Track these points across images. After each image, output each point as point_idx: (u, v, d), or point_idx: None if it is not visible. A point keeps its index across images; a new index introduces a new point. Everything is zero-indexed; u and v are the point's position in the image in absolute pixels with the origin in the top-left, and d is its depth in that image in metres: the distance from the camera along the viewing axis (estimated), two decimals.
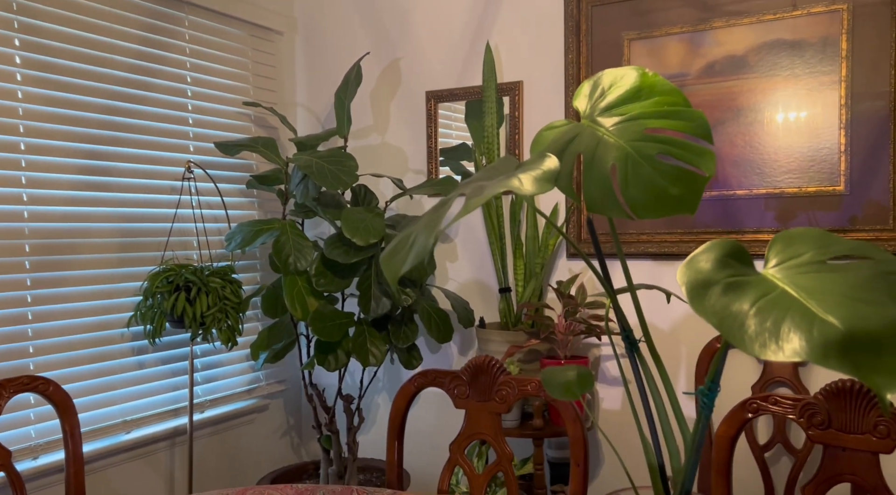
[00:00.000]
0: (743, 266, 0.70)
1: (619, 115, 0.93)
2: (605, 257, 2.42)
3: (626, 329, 0.92)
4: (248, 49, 2.79)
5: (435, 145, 2.73)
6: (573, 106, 0.97)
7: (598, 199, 0.88)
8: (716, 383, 0.82)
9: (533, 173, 0.80)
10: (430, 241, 0.75)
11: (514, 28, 2.57)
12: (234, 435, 2.71)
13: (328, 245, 2.29)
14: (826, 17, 2.14)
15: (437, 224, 0.77)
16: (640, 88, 0.94)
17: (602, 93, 0.96)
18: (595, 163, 0.89)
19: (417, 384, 1.70)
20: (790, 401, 1.38)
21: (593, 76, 0.98)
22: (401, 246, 0.82)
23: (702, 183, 0.87)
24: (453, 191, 0.86)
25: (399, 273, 0.78)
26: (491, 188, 0.76)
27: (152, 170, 2.39)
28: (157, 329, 2.24)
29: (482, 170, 0.93)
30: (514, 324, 2.44)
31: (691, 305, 0.66)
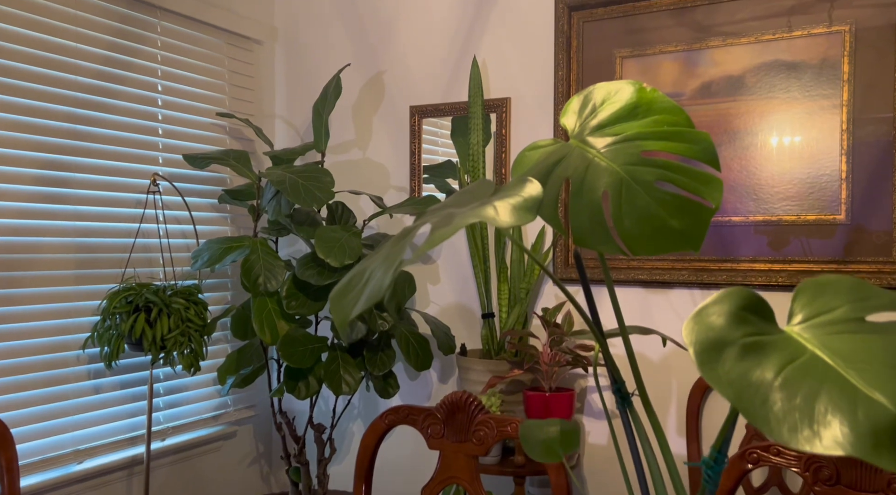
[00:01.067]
0: (763, 322, 0.58)
1: (613, 134, 0.81)
2: (592, 285, 2.30)
3: (616, 380, 0.80)
4: (225, 58, 2.67)
5: (418, 162, 2.61)
6: (560, 123, 0.85)
7: (588, 232, 0.75)
8: (723, 454, 0.70)
9: (511, 201, 0.67)
10: (387, 280, 0.62)
11: (503, 43, 2.47)
12: (198, 464, 2.56)
13: (301, 265, 2.16)
14: (827, 39, 2.05)
15: (396, 259, 0.64)
16: (637, 105, 0.82)
17: (593, 109, 0.84)
18: (584, 189, 0.77)
19: (388, 421, 1.57)
20: (794, 454, 1.26)
21: (584, 90, 0.86)
22: (354, 282, 0.69)
23: (707, 215, 0.75)
24: (419, 219, 0.74)
25: (349, 316, 0.65)
26: (461, 218, 0.64)
27: (116, 182, 2.26)
28: (114, 352, 2.09)
29: (455, 194, 0.81)
30: (496, 352, 2.31)
31: (701, 372, 0.54)
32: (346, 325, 0.65)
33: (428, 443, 1.53)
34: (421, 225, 0.70)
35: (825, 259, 2.04)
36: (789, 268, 2.07)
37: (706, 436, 2.17)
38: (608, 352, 0.81)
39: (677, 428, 2.22)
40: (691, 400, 2.17)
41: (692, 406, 2.17)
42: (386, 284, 0.62)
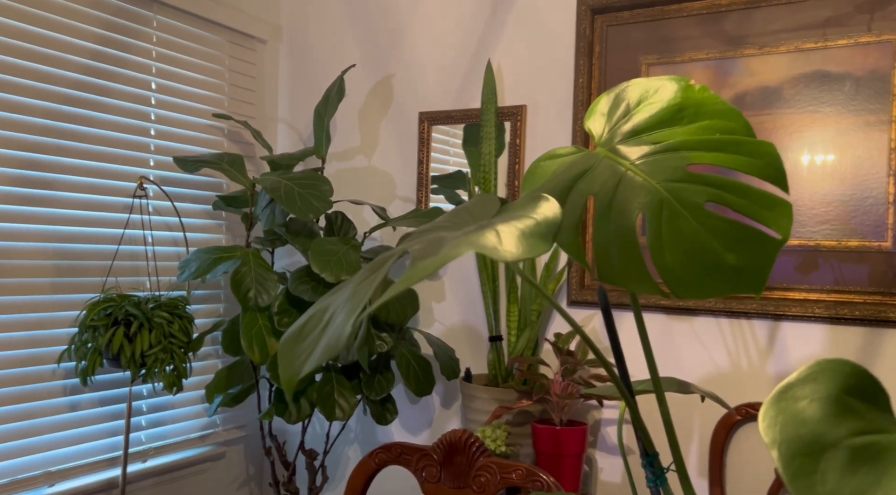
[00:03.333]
0: (875, 410, 0.41)
1: (652, 143, 0.65)
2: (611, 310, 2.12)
3: (648, 451, 0.63)
4: (226, 57, 2.53)
5: (426, 171, 2.45)
6: (585, 127, 0.68)
7: (617, 267, 0.59)
8: None
9: (520, 225, 0.51)
10: (347, 329, 0.46)
11: (520, 46, 2.31)
12: (182, 487, 2.40)
13: (294, 279, 2.00)
14: (874, 48, 1.87)
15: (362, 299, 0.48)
16: (683, 107, 0.65)
17: (627, 111, 0.67)
18: (614, 211, 0.61)
19: (378, 460, 1.40)
20: None
21: (615, 88, 0.70)
22: (311, 325, 0.53)
23: (774, 249, 0.58)
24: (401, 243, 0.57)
25: (298, 374, 0.49)
26: (451, 247, 0.47)
27: (102, 184, 2.11)
28: (90, 367, 1.94)
29: (451, 212, 0.64)
30: (503, 379, 2.14)
31: (791, 487, 0.37)
32: (292, 384, 0.48)
33: (422, 488, 1.36)
34: (401, 252, 0.54)
35: (868, 290, 1.85)
36: (827, 299, 1.89)
37: (731, 478, 1.99)
38: (638, 415, 0.64)
39: (699, 469, 2.03)
40: (715, 437, 1.99)
41: (716, 444, 1.99)
42: (345, 335, 0.45)
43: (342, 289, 0.56)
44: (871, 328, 1.86)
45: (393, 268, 2.44)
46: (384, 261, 0.54)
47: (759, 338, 1.98)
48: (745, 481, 1.98)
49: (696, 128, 0.64)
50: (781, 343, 1.95)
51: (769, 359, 1.96)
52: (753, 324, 1.98)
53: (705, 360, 2.03)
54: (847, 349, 1.88)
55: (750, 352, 1.99)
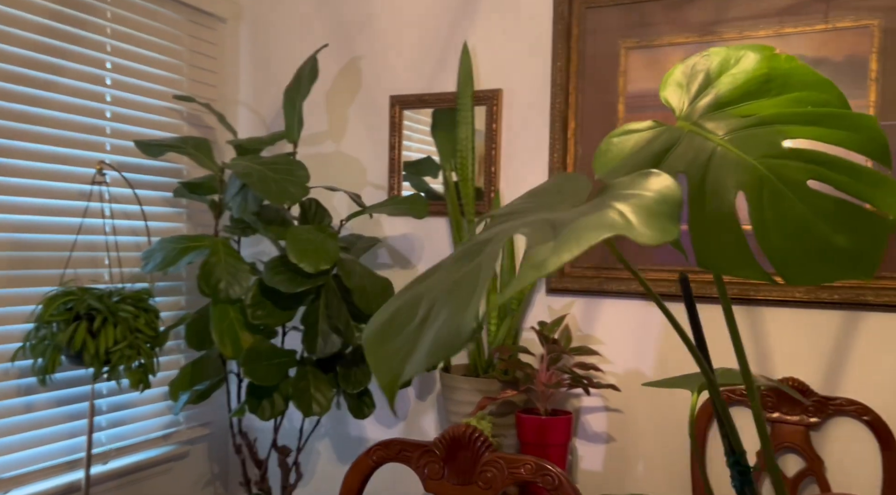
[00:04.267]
0: None
1: (740, 116, 0.60)
2: (583, 297, 2.10)
3: (735, 449, 0.58)
4: (184, 35, 2.39)
5: (399, 157, 2.37)
6: (661, 98, 0.63)
7: (719, 252, 0.54)
8: None
9: (640, 203, 0.45)
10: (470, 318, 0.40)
11: (495, 29, 2.25)
12: (145, 489, 2.28)
13: (269, 270, 1.90)
14: (854, 33, 1.89)
15: (476, 287, 0.42)
16: (770, 77, 0.61)
17: (707, 82, 0.62)
18: (708, 190, 0.56)
19: (377, 458, 1.34)
20: None
21: (691, 57, 0.65)
22: (399, 323, 0.46)
23: (884, 229, 0.54)
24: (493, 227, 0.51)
25: (399, 376, 0.43)
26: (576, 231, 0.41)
27: (58, 170, 1.97)
28: (49, 365, 1.81)
29: (527, 194, 0.58)
30: (484, 370, 2.09)
31: None
32: (395, 388, 0.42)
33: (425, 486, 1.30)
34: (500, 237, 0.47)
35: None
36: None
37: (711, 461, 1.99)
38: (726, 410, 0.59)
39: (683, 456, 2.03)
40: (697, 423, 1.99)
41: (698, 431, 1.99)
42: (467, 329, 0.39)
43: (428, 281, 0.49)
44: (850, 311, 1.88)
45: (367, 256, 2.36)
46: (482, 248, 0.47)
47: (738, 322, 1.98)
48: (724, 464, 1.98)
49: (785, 100, 0.60)
50: (759, 326, 1.96)
51: (748, 344, 1.97)
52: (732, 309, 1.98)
53: None
54: (825, 332, 1.90)
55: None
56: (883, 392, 1.85)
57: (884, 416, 1.84)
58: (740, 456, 0.60)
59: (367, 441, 2.43)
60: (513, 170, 2.22)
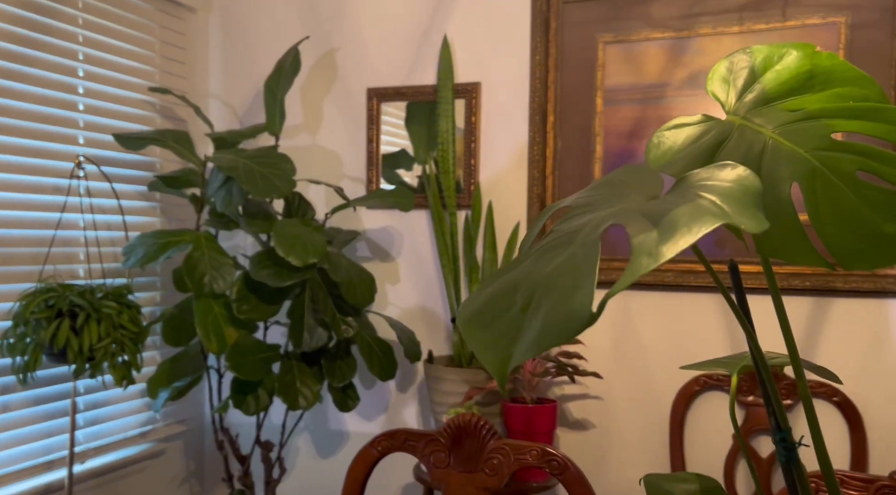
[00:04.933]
0: None
1: (788, 110, 0.63)
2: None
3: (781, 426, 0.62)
4: (156, 26, 2.35)
5: (377, 150, 2.37)
6: (709, 91, 0.66)
7: (781, 239, 0.57)
8: None
9: (727, 193, 0.48)
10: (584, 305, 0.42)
11: (473, 22, 2.27)
12: (122, 487, 2.24)
13: (255, 264, 1.89)
14: (822, 30, 1.96)
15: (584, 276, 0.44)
16: (812, 74, 0.64)
17: (753, 78, 0.66)
18: (764, 181, 0.59)
19: (382, 448, 1.35)
20: (860, 482, 1.13)
21: (733, 52, 0.68)
22: (499, 309, 0.48)
23: None
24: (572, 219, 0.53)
25: (511, 356, 0.44)
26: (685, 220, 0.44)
27: (31, 164, 1.92)
28: (30, 363, 1.76)
29: (593, 186, 0.61)
30: (468, 360, 2.12)
31: None
32: (505, 370, 0.44)
33: (431, 475, 1.32)
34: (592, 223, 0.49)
35: None
36: (780, 271, 1.98)
37: (689, 443, 2.06)
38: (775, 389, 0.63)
39: (661, 437, 2.09)
40: (675, 406, 2.05)
41: (675, 417, 2.05)
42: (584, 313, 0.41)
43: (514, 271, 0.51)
44: (820, 297, 1.97)
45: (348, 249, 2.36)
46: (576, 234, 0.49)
47: (714, 310, 2.05)
48: (702, 446, 2.05)
49: (828, 95, 0.63)
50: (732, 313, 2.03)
51: (721, 330, 2.04)
52: (709, 298, 2.05)
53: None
54: (796, 317, 1.98)
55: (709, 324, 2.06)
56: (850, 374, 1.94)
57: (851, 397, 1.93)
58: (787, 432, 0.63)
59: (349, 435, 2.44)
60: (493, 163, 2.25)
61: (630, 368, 2.11)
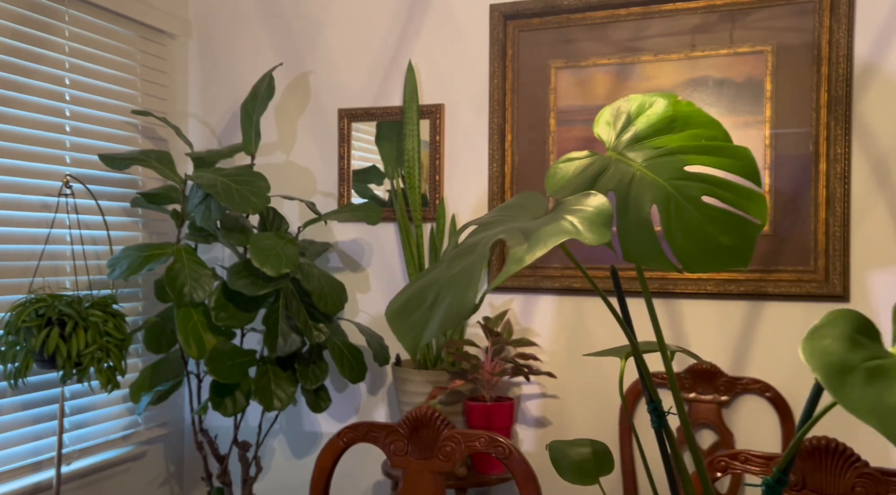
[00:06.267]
0: (874, 344, 0.59)
1: (653, 148, 0.80)
2: (521, 293, 2.30)
3: (654, 398, 0.78)
4: (137, 52, 2.49)
5: (348, 167, 2.53)
6: (595, 133, 0.83)
7: (640, 248, 0.74)
8: (786, 474, 0.69)
9: (585, 215, 0.64)
10: (470, 300, 0.58)
11: (437, 49, 2.44)
12: (105, 488, 2.36)
13: (232, 274, 2.03)
14: (752, 58, 2.15)
15: (474, 275, 0.60)
16: (674, 118, 0.81)
17: (628, 121, 0.82)
18: (630, 204, 0.76)
19: (347, 439, 1.50)
20: (761, 459, 1.30)
21: (615, 102, 0.85)
22: (414, 303, 0.64)
23: (755, 231, 0.75)
24: (477, 234, 0.69)
25: (421, 338, 0.60)
26: (541, 236, 0.60)
27: (20, 183, 2.05)
28: (21, 369, 1.89)
29: (498, 209, 0.77)
30: (433, 362, 2.27)
31: (833, 395, 0.53)
32: (416, 348, 0.60)
33: (391, 461, 1.47)
34: (488, 239, 0.66)
35: (750, 268, 2.14)
36: (716, 278, 2.16)
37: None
38: (644, 366, 0.79)
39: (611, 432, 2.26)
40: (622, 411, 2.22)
41: (623, 415, 2.21)
42: (470, 303, 0.57)
43: (430, 275, 0.67)
44: (753, 301, 2.15)
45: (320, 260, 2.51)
46: (474, 248, 0.65)
47: (659, 313, 2.22)
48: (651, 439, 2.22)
49: (686, 135, 0.80)
50: (677, 316, 2.20)
51: (666, 332, 2.21)
52: (655, 302, 2.22)
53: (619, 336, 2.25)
54: (732, 320, 2.16)
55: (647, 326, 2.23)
56: (781, 371, 2.12)
57: (783, 392, 2.10)
58: (658, 403, 0.80)
59: (322, 435, 2.58)
60: (456, 178, 2.41)
61: (582, 369, 2.28)
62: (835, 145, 2.05)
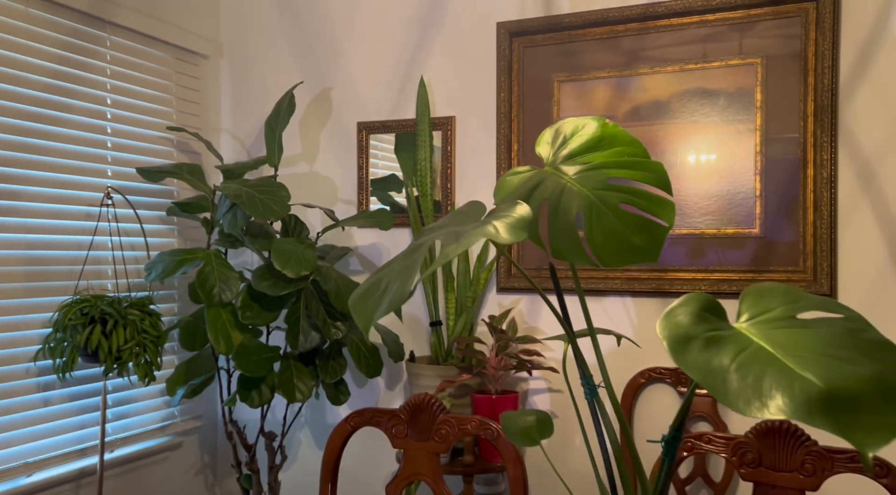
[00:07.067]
0: (719, 320, 0.73)
1: (582, 163, 0.95)
2: (529, 294, 2.45)
3: (585, 374, 0.93)
4: (172, 72, 2.71)
5: (366, 176, 2.71)
6: (536, 151, 0.98)
7: (565, 247, 0.89)
8: (680, 432, 0.83)
9: (507, 221, 0.80)
10: (408, 289, 0.73)
11: (447, 65, 2.60)
12: (145, 475, 2.57)
13: (256, 276, 2.22)
14: (742, 69, 2.27)
15: (412, 271, 0.75)
16: (602, 138, 0.96)
17: (564, 140, 0.97)
18: (560, 210, 0.91)
19: (354, 423, 1.66)
20: (723, 440, 1.42)
21: (554, 124, 1.00)
22: (371, 292, 0.80)
23: (663, 233, 0.89)
24: (423, 236, 0.85)
25: (371, 320, 0.76)
26: (468, 236, 0.76)
27: (66, 195, 2.27)
28: (68, 363, 2.10)
29: (450, 215, 0.93)
30: (444, 358, 2.43)
31: (674, 359, 0.67)
32: (368, 327, 0.76)
33: (392, 443, 1.63)
34: (428, 242, 0.81)
35: (742, 268, 2.25)
36: (711, 277, 2.28)
37: (638, 426, 2.35)
38: (577, 347, 0.94)
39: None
40: (624, 398, 2.34)
41: (624, 406, 2.34)
42: (408, 291, 0.73)
43: (386, 269, 0.83)
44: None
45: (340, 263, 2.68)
46: (418, 247, 0.81)
47: (656, 313, 2.34)
48: (649, 433, 2.34)
49: (611, 152, 0.95)
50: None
51: None
52: (653, 301, 2.35)
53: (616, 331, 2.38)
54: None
55: (650, 324, 2.36)
56: None
57: None
58: (589, 377, 0.94)
59: None
60: (466, 185, 2.57)
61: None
62: (821, 151, 2.16)
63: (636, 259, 0.88)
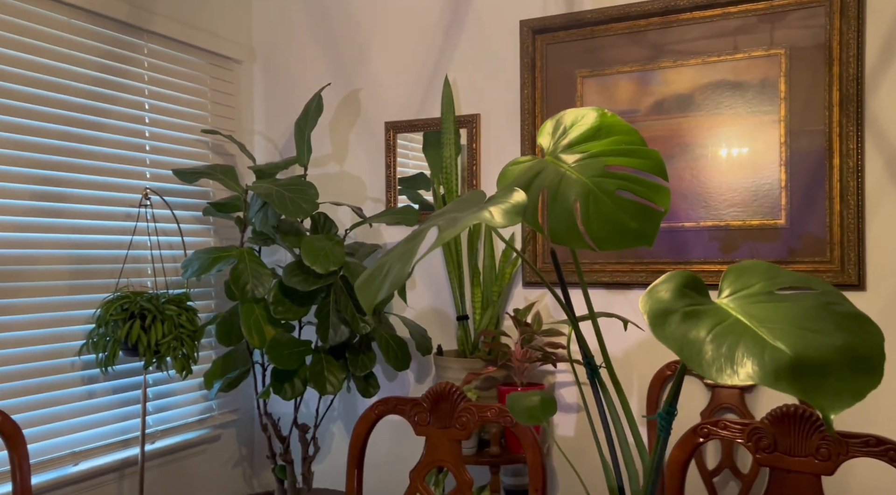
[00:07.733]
0: (699, 295, 0.76)
1: (581, 152, 0.98)
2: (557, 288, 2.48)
3: (587, 355, 0.96)
4: (207, 77, 2.80)
5: (394, 174, 2.77)
6: (537, 141, 1.02)
7: (563, 232, 0.92)
8: (673, 406, 0.86)
9: (502, 206, 0.84)
10: (407, 271, 0.78)
11: (471, 63, 2.65)
12: (185, 466, 2.67)
13: (287, 273, 2.29)
14: (766, 61, 2.27)
15: (412, 254, 0.80)
16: (600, 127, 0.99)
17: (564, 131, 1.01)
18: (559, 197, 0.94)
19: (378, 411, 1.72)
20: (739, 426, 1.44)
21: (556, 115, 1.03)
22: (375, 275, 0.85)
23: (658, 217, 0.92)
24: (426, 223, 0.90)
25: (374, 301, 0.81)
26: (463, 220, 0.80)
27: (107, 196, 2.37)
28: (110, 357, 2.20)
29: (453, 202, 0.97)
30: (471, 351, 2.47)
31: (653, 332, 0.71)
32: (371, 308, 0.81)
33: (415, 430, 1.68)
34: (428, 228, 0.86)
35: (768, 260, 2.24)
36: None
37: None
38: (579, 332, 0.97)
39: (638, 415, 2.40)
40: (650, 392, 2.36)
41: (651, 397, 2.35)
42: (406, 275, 0.77)
43: (390, 254, 0.88)
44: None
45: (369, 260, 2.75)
46: (419, 233, 0.86)
47: None
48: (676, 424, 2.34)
49: (609, 141, 0.98)
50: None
51: None
52: None
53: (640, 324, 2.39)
54: None
55: None
56: None
57: None
58: (590, 358, 0.97)
59: None
60: (491, 181, 2.61)
61: (612, 357, 2.43)
62: (847, 141, 2.14)
63: (632, 243, 0.91)
